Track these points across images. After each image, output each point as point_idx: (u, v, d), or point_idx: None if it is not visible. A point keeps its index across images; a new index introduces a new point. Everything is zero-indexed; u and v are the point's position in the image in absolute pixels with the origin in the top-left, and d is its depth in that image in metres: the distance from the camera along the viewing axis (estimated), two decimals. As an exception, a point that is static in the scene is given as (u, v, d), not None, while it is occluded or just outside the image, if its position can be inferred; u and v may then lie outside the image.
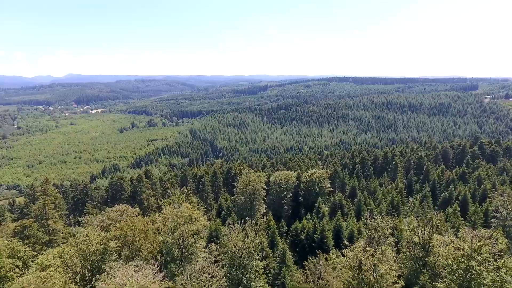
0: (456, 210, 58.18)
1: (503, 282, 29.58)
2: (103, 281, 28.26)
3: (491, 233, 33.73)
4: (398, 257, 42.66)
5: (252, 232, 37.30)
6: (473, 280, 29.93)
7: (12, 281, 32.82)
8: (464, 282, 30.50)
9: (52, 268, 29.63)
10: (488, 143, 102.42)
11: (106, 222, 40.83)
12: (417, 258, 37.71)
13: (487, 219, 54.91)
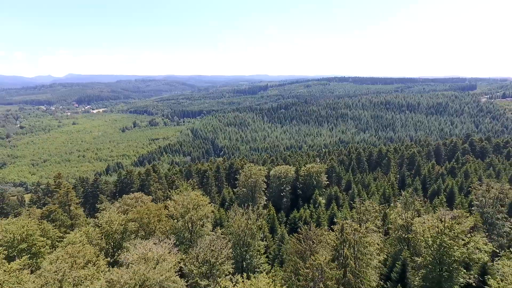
0: (443, 201, 62.81)
1: (470, 254, 34.46)
2: (126, 254, 32.94)
3: (460, 213, 38.41)
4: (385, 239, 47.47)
5: (254, 215, 42.05)
6: (445, 253, 34.71)
7: (43, 257, 37.51)
8: (438, 255, 35.27)
9: (80, 244, 34.36)
10: (479, 141, 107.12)
11: (123, 207, 45.58)
12: (401, 238, 42.45)
13: (471, 208, 59.55)
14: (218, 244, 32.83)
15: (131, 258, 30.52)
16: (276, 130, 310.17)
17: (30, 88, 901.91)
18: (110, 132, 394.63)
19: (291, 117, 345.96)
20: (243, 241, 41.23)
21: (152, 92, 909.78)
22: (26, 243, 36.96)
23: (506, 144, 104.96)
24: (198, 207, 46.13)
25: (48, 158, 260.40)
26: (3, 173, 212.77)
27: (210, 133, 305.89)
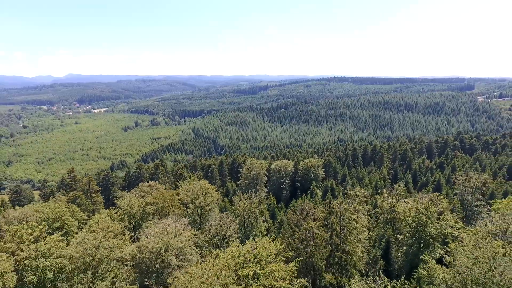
0: (430, 191, 68.37)
1: (442, 230, 40.05)
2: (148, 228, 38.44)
3: (435, 196, 44.01)
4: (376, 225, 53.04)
5: (256, 200, 47.63)
6: (422, 230, 40.29)
7: (73, 235, 43.02)
8: (415, 231, 40.84)
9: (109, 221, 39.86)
10: (468, 138, 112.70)
11: (140, 194, 51.13)
12: (386, 220, 48.02)
13: (454, 197, 65.13)
14: (226, 220, 38.39)
15: (153, 231, 36.05)
16: (276, 129, 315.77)
17: (31, 88, 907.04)
18: (113, 131, 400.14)
19: (291, 116, 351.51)
20: (247, 222, 46.80)
21: (152, 92, 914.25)
22: (59, 222, 42.52)
23: (494, 141, 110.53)
24: (206, 193, 51.74)
25: (52, 156, 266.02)
26: (10, 171, 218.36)
27: (212, 132, 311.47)
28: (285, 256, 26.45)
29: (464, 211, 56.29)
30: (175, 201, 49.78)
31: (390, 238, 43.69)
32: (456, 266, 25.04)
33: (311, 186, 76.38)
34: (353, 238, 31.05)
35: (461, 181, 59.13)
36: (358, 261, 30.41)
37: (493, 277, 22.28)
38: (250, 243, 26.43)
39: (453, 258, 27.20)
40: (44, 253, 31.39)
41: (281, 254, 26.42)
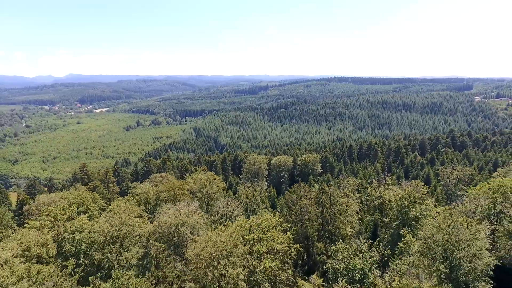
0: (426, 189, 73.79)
1: (422, 212, 45.35)
2: (163, 210, 43.73)
3: (417, 183, 49.34)
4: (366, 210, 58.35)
5: (258, 188, 52.97)
6: (405, 213, 45.60)
7: (95, 220, 48.36)
8: (399, 214, 46.15)
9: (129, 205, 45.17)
10: (460, 135, 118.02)
11: (153, 183, 56.47)
12: (375, 206, 53.31)
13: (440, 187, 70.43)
14: (232, 204, 43.73)
15: (168, 212, 41.36)
16: (276, 128, 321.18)
17: (32, 88, 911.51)
18: (115, 131, 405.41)
19: (290, 116, 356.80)
20: (250, 208, 52.11)
21: (153, 92, 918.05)
22: (83, 207, 47.87)
23: (484, 139, 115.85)
24: (212, 183, 57.14)
25: (57, 155, 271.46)
26: (17, 169, 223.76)
27: (213, 132, 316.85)
28: (283, 227, 31.85)
29: (448, 200, 61.65)
30: (184, 189, 55.08)
31: (378, 221, 49.03)
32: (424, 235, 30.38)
33: (309, 179, 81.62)
34: (341, 216, 36.36)
35: (445, 174, 64.44)
36: (346, 235, 35.67)
37: (450, 240, 27.63)
38: (254, 217, 31.85)
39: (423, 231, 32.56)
40: (78, 228, 36.73)
41: (280, 225, 31.85)
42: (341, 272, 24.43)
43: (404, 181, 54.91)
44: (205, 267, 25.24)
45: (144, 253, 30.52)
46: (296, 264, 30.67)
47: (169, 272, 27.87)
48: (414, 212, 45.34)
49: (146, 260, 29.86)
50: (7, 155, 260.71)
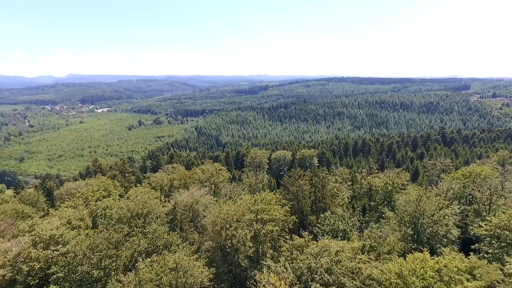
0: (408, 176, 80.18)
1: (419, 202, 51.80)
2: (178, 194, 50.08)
3: (400, 171, 55.82)
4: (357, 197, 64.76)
5: (260, 176, 59.43)
6: (388, 196, 52.10)
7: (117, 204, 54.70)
8: (384, 198, 52.64)
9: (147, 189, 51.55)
10: (450, 133, 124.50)
11: (166, 173, 62.90)
12: (364, 192, 59.81)
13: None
14: (237, 188, 50.17)
15: (183, 195, 47.80)
16: (276, 127, 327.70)
17: (33, 88, 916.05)
18: (117, 130, 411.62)
19: (290, 115, 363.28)
20: (253, 193, 58.56)
21: (153, 92, 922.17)
22: (106, 192, 54.28)
23: (473, 136, 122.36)
24: (219, 173, 63.63)
25: (62, 153, 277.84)
26: (24, 167, 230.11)
27: (214, 131, 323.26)
28: (282, 203, 38.41)
29: (431, 187, 68.18)
30: (194, 178, 61.53)
31: (366, 205, 55.52)
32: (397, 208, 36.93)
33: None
34: (332, 198, 42.84)
35: (430, 166, 71.02)
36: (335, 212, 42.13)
37: (417, 210, 34.12)
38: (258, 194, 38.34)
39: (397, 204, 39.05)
40: (108, 206, 43.18)
41: (279, 201, 38.43)
42: (327, 233, 30.78)
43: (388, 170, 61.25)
44: (220, 230, 31.75)
45: (171, 219, 36.95)
46: (292, 233, 37.06)
47: (190, 234, 34.26)
48: (396, 196, 51.93)
49: (173, 223, 36.32)
50: (13, 153, 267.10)
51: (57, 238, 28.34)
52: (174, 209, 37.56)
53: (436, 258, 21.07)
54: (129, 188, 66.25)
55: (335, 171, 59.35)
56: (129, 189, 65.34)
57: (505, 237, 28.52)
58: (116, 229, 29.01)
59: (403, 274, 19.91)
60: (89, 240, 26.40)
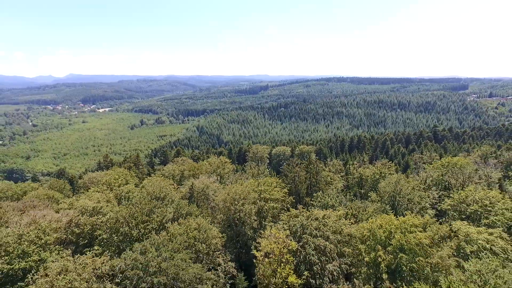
0: (398, 169, 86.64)
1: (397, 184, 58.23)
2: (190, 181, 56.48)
3: (386, 161, 62.29)
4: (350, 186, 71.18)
5: (262, 167, 65.82)
6: (376, 185, 58.54)
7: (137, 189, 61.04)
8: (373, 186, 59.10)
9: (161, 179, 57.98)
10: (442, 130, 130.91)
11: (177, 164, 69.32)
12: (355, 182, 66.30)
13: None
14: (242, 176, 56.58)
15: (196, 181, 54.21)
16: (276, 126, 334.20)
17: (34, 88, 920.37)
18: (120, 129, 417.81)
19: (290, 115, 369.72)
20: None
21: (154, 92, 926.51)
22: (124, 180, 60.71)
23: (463, 133, 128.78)
24: (224, 165, 70.11)
25: (67, 152, 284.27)
26: (31, 164, 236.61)
27: (215, 130, 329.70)
28: (281, 186, 44.87)
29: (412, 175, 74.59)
30: (202, 169, 68.02)
31: (357, 193, 61.96)
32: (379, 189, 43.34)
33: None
34: (326, 185, 49.30)
35: (417, 159, 77.47)
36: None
37: (395, 190, 40.53)
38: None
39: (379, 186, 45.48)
40: (130, 191, 49.59)
41: (279, 185, 44.90)
42: (318, 207, 37.12)
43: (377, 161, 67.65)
44: (229, 206, 38.21)
45: (189, 197, 43.40)
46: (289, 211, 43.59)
47: (205, 210, 40.70)
48: (384, 184, 58.38)
49: (191, 200, 42.77)
50: (20, 152, 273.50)
51: (98, 209, 34.78)
52: (191, 189, 43.96)
53: (399, 218, 27.39)
54: (143, 179, 72.84)
55: (329, 163, 65.75)
56: (142, 180, 71.93)
57: (463, 209, 34.94)
58: (145, 203, 35.37)
59: (373, 228, 26.20)
60: (126, 209, 32.79)
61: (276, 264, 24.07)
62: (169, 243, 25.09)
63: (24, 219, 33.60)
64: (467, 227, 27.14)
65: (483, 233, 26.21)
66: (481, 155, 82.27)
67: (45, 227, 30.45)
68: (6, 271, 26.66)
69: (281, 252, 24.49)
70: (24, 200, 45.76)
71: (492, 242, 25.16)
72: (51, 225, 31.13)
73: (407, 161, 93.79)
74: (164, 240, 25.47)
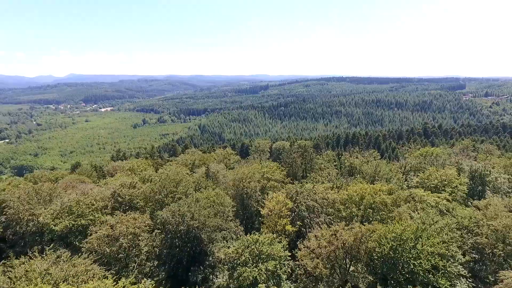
0: (388, 162, 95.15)
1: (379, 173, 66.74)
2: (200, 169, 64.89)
3: (374, 152, 70.81)
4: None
5: (263, 159, 74.34)
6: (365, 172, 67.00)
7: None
8: (360, 172, 67.57)
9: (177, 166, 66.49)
10: (432, 127, 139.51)
11: (188, 154, 77.86)
12: (346, 170, 74.74)
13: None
14: (247, 164, 65.07)
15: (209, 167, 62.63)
16: (276, 125, 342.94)
17: (35, 88, 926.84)
18: (123, 128, 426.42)
19: (290, 114, 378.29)
20: (258, 172, 73.47)
21: (155, 92, 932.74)
22: (144, 168, 69.18)
23: (452, 130, 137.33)
24: (230, 156, 78.67)
25: (73, 150, 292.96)
26: (40, 161, 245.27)
27: (217, 128, 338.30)
28: (281, 169, 53.40)
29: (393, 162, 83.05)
30: (210, 159, 76.56)
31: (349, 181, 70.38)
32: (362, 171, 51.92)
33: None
34: (319, 169, 57.81)
35: (404, 151, 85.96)
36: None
37: (375, 171, 49.04)
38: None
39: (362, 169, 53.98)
40: (151, 175, 58.04)
41: (279, 168, 53.43)
42: (311, 183, 45.61)
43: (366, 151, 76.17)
44: (238, 183, 46.68)
45: (206, 174, 51.93)
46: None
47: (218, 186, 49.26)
48: (371, 171, 66.90)
49: (208, 175, 51.36)
50: (28, 149, 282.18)
51: (134, 184, 43.29)
52: (207, 170, 52.47)
53: (370, 185, 35.74)
54: (158, 169, 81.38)
55: (323, 153, 74.28)
56: (157, 169, 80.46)
57: (427, 184, 43.42)
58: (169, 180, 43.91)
59: (350, 194, 34.55)
60: (158, 183, 41.36)
61: (277, 217, 32.39)
62: (196, 203, 33.48)
63: (75, 192, 42.14)
64: (421, 192, 35.50)
65: (433, 196, 34.53)
66: (461, 148, 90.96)
67: (95, 195, 38.94)
68: (71, 226, 35.19)
69: (280, 209, 32.83)
70: (63, 181, 54.22)
71: (439, 203, 33.45)
72: (98, 195, 39.63)
73: (396, 154, 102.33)
74: (192, 202, 33.86)
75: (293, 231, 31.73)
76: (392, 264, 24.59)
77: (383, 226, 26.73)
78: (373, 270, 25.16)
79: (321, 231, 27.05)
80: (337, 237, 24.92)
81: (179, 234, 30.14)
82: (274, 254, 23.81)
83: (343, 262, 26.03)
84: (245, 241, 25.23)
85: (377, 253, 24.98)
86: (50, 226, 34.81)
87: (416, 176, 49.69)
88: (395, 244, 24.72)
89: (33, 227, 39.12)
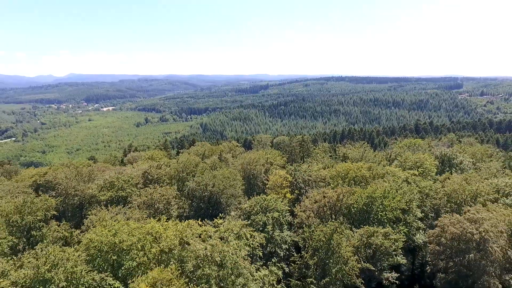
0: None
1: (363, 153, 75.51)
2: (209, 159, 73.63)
3: (365, 144, 79.62)
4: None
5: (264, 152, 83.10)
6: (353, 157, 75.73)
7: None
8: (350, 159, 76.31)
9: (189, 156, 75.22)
10: (423, 124, 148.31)
11: (199, 146, 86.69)
12: (341, 160, 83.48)
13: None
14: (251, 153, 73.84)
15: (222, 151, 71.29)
16: (277, 123, 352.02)
17: (36, 88, 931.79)
18: (126, 127, 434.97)
19: (290, 112, 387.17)
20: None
21: (156, 91, 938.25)
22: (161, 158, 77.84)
23: (442, 126, 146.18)
24: (235, 148, 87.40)
25: (79, 147, 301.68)
26: (48, 158, 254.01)
27: (219, 127, 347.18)
28: (281, 156, 62.18)
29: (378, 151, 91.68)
30: (218, 151, 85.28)
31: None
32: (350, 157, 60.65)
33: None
34: (313, 158, 66.61)
35: (393, 143, 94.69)
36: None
37: (362, 157, 57.77)
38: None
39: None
40: (167, 162, 66.75)
41: (280, 155, 62.21)
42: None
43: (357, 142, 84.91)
44: (246, 166, 55.38)
45: (219, 158, 60.74)
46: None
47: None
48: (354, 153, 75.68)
49: (221, 159, 60.22)
50: (35, 147, 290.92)
51: (160, 166, 52.01)
52: (220, 155, 61.23)
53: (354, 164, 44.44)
54: (171, 159, 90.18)
55: (319, 144, 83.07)
56: (170, 159, 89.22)
57: (404, 166, 52.11)
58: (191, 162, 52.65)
59: (337, 170, 43.16)
60: (181, 164, 50.15)
61: (279, 188, 41.04)
62: (214, 177, 42.18)
63: (110, 173, 50.84)
64: (394, 169, 44.10)
65: (404, 173, 43.16)
66: (447, 141, 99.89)
67: (130, 174, 47.65)
68: (114, 197, 43.89)
69: (282, 182, 41.50)
70: (96, 166, 62.91)
71: (408, 177, 42.08)
72: (132, 174, 48.34)
73: (387, 147, 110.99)
74: (210, 176, 42.55)
75: (292, 198, 40.38)
76: (365, 215, 33.28)
77: (360, 189, 35.42)
78: (351, 220, 33.75)
79: (312, 192, 35.71)
80: (324, 196, 33.52)
81: (203, 200, 38.85)
82: (277, 207, 32.44)
83: (329, 214, 34.63)
84: (256, 199, 33.88)
85: (354, 207, 33.59)
86: (98, 197, 43.49)
87: (397, 160, 58.37)
88: (368, 201, 33.40)
89: (78, 201, 47.86)
